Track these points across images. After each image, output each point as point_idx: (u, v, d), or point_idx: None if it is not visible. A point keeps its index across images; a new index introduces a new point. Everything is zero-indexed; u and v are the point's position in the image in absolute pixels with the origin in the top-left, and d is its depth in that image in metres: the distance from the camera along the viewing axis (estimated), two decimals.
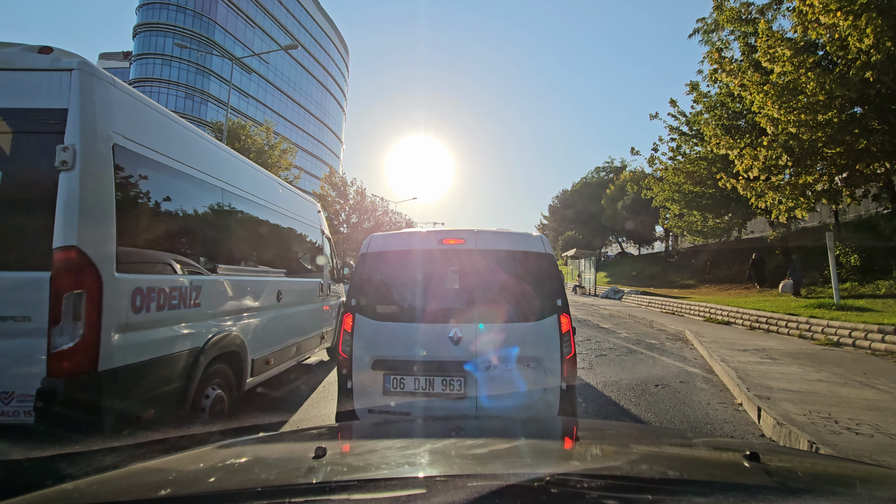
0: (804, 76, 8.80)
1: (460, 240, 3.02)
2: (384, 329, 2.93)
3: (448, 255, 3.03)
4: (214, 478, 1.05)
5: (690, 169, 17.06)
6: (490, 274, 3.00)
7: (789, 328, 9.04)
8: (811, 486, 0.97)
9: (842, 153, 9.61)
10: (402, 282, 3.12)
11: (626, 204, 31.98)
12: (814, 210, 10.89)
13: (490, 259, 2.99)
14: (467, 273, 2.98)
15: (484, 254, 3.00)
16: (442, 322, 2.86)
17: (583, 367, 6.26)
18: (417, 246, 3.13)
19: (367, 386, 2.85)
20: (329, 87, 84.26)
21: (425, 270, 3.05)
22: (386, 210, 45.21)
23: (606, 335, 9.71)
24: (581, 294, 25.90)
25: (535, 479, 0.85)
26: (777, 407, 4.05)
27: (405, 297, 3.08)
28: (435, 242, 3.07)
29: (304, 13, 74.39)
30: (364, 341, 2.90)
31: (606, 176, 42.30)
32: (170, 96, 53.87)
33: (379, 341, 2.90)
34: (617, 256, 44.90)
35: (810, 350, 7.25)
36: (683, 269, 26.33)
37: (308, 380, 5.68)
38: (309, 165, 73.67)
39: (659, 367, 6.53)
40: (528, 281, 2.99)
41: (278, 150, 21.31)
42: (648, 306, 17.02)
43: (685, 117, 17.43)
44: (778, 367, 5.85)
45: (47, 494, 0.90)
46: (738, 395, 4.83)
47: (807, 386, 4.87)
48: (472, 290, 2.99)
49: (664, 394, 5.04)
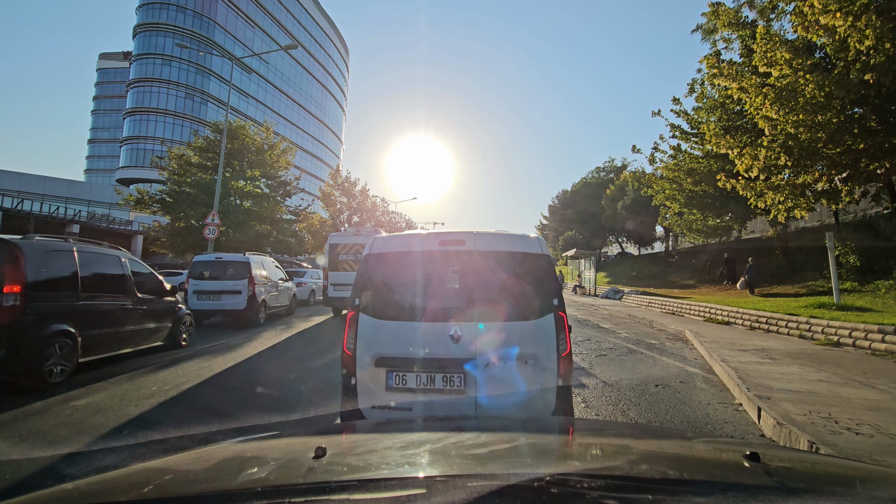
0: (802, 78, 8.83)
1: (460, 241, 3.08)
2: (386, 328, 2.97)
3: (448, 256, 3.08)
4: (214, 478, 1.05)
5: (691, 167, 17.08)
6: (489, 274, 3.05)
7: (789, 328, 9.05)
8: (811, 485, 0.97)
9: (841, 153, 9.62)
10: (404, 282, 3.18)
11: (626, 204, 31.99)
12: (813, 210, 10.88)
13: (489, 260, 3.06)
14: (467, 273, 3.04)
15: (483, 255, 3.06)
16: (442, 321, 2.91)
17: (583, 368, 6.26)
18: (418, 247, 3.17)
19: (370, 382, 2.90)
20: (329, 87, 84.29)
21: (426, 271, 3.11)
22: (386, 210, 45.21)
23: (606, 335, 9.71)
24: (581, 294, 25.91)
25: (535, 479, 0.84)
26: (777, 407, 4.05)
27: (407, 297, 3.13)
28: (435, 244, 3.12)
29: (304, 13, 74.40)
30: (367, 339, 2.95)
31: (607, 176, 42.30)
32: (170, 96, 53.90)
33: (381, 339, 2.95)
34: (617, 256, 44.91)
35: (810, 350, 7.26)
36: (684, 269, 26.34)
37: (308, 379, 5.72)
38: (309, 166, 73.68)
39: (659, 367, 6.53)
40: (526, 281, 3.06)
41: (278, 150, 21.28)
42: (648, 306, 17.02)
43: (687, 115, 17.46)
44: (778, 368, 5.86)
45: (48, 494, 0.90)
46: (738, 395, 4.84)
47: (807, 386, 4.88)
48: (471, 289, 3.04)
49: (664, 394, 5.04)
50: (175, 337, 7.60)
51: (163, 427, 3.82)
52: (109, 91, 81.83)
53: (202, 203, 17.65)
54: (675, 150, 18.05)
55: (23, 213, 29.84)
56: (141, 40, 54.77)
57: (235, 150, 19.32)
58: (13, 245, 4.87)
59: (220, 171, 16.23)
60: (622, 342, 8.77)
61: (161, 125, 53.63)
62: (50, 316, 5.05)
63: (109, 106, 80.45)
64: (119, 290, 6.32)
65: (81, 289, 5.54)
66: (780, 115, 9.24)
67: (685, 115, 17.43)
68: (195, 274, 10.68)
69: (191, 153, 19.75)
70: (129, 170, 52.99)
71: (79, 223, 32.26)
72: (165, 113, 54.00)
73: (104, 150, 78.59)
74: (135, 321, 6.53)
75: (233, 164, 19.53)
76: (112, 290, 6.21)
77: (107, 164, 73.79)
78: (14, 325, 4.63)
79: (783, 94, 9.22)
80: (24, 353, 4.67)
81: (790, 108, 9.12)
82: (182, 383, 5.28)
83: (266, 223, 20.54)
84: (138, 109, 54.38)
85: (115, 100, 77.61)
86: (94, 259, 5.98)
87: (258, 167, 20.26)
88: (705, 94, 15.52)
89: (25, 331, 4.73)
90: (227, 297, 10.42)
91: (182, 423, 3.96)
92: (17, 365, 4.59)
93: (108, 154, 75.64)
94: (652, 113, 18.34)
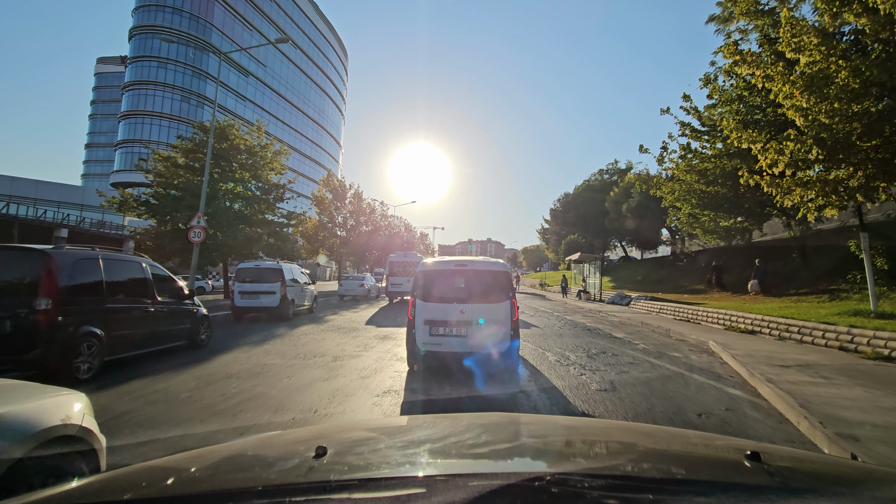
0: (834, 65, 8.01)
1: (464, 264, 6.23)
2: (428, 306, 5.93)
3: (458, 272, 6.21)
4: (216, 477, 1.04)
5: (703, 167, 16.24)
6: (478, 281, 6.12)
7: (826, 339, 8.13)
8: (812, 485, 0.97)
9: (878, 146, 8.77)
10: (437, 283, 6.16)
11: (631, 206, 31.12)
12: (845, 208, 9.98)
13: (479, 274, 6.15)
14: (468, 280, 6.11)
15: (476, 272, 6.18)
16: (456, 303, 5.89)
17: (605, 390, 5.35)
18: (444, 267, 6.29)
19: (421, 332, 5.86)
20: (328, 90, 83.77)
21: (447, 278, 6.21)
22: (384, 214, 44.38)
23: (622, 347, 8.79)
24: (586, 299, 24.96)
25: (536, 479, 0.84)
26: (872, 451, 3.15)
27: (438, 290, 6.07)
28: (453, 266, 6.25)
29: (303, 16, 73.97)
30: (419, 311, 5.92)
31: (610, 178, 41.45)
32: (165, 99, 53.16)
33: (426, 311, 5.91)
34: (620, 261, 43.89)
35: (862, 366, 6.34)
36: (692, 273, 25.41)
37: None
38: (307, 170, 72.95)
39: (693, 388, 5.61)
40: (496, 284, 6.04)
41: (270, 151, 20.38)
42: (660, 313, 16.10)
43: (698, 113, 16.66)
44: (838, 390, 4.95)
45: (50, 493, 0.89)
46: (808, 431, 3.92)
47: (889, 417, 3.97)
48: (470, 288, 6.08)
49: (710, 425, 4.13)
50: (194, 337, 7.97)
51: None
52: (107, 95, 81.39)
53: (189, 206, 16.74)
54: (685, 150, 17.23)
55: (7, 216, 28.92)
56: (137, 43, 54.14)
57: (224, 150, 18.43)
58: (46, 255, 5.36)
59: (206, 171, 15.35)
60: (642, 355, 7.86)
61: (157, 128, 52.85)
62: (79, 319, 5.52)
63: (107, 110, 79.94)
64: (141, 293, 6.77)
65: (107, 293, 6.05)
66: (812, 104, 8.40)
67: (696, 112, 16.64)
68: (240, 278, 13.16)
69: (177, 155, 18.84)
70: (124, 173, 52.10)
71: (67, 227, 31.31)
72: (161, 116, 53.24)
73: (101, 154, 78.05)
74: (156, 322, 7.00)
75: (221, 165, 18.62)
76: (135, 294, 6.67)
77: (104, 169, 73.16)
78: (47, 327, 5.13)
79: (814, 80, 8.39)
80: (57, 352, 5.16)
81: (822, 97, 8.28)
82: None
83: (256, 226, 19.64)
84: (133, 112, 53.65)
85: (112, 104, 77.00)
86: (118, 265, 6.45)
87: (249, 169, 19.36)
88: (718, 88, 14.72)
89: (57, 332, 5.21)
90: (264, 297, 12.84)
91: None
92: (50, 362, 5.09)
93: (105, 158, 75.07)
94: (661, 111, 17.55)
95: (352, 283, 22.40)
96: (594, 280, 25.24)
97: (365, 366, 6.57)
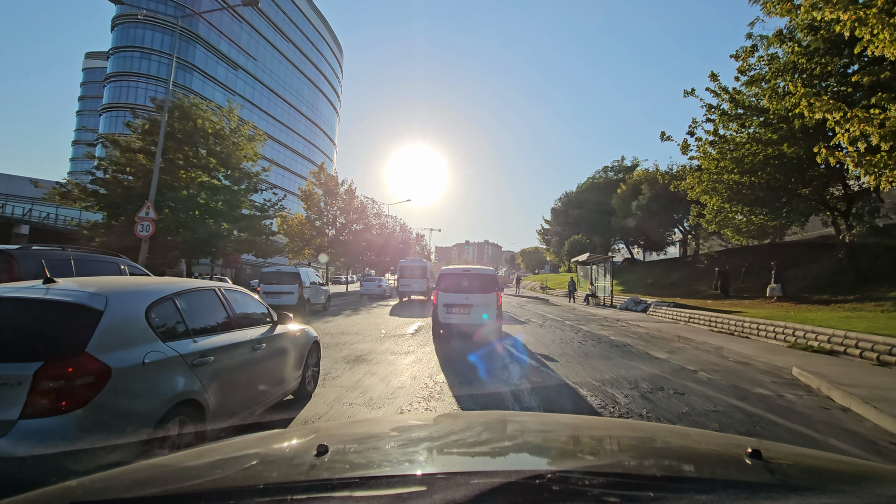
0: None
1: (468, 270, 10.31)
2: (447, 295, 9.62)
3: (464, 274, 10.09)
4: (217, 475, 1.03)
5: (737, 154, 14.08)
6: (476, 280, 9.80)
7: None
8: (813, 483, 0.96)
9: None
10: (451, 281, 9.84)
11: (641, 204, 28.94)
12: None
13: (478, 276, 9.97)
14: (470, 280, 9.85)
15: (476, 275, 10.02)
16: (463, 293, 9.60)
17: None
18: (456, 271, 10.27)
19: (440, 312, 9.58)
20: (321, 86, 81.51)
21: (457, 278, 9.93)
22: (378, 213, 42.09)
23: (678, 377, 6.49)
24: (595, 304, 22.69)
25: (537, 476, 0.83)
26: None
27: (452, 285, 9.76)
28: (461, 271, 10.26)
29: (295, 9, 71.71)
30: (440, 298, 9.62)
31: (616, 176, 39.35)
32: (149, 91, 50.64)
33: (445, 298, 9.60)
34: (624, 263, 41.66)
35: None
36: (709, 275, 23.23)
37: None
38: (299, 167, 70.59)
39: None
40: (487, 282, 9.75)
41: (244, 136, 18.04)
42: (689, 322, 13.85)
43: (728, 93, 14.51)
44: None
45: (51, 491, 0.89)
46: None
47: None
48: (471, 284, 9.73)
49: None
50: None
51: None
52: (96, 91, 78.79)
53: (141, 195, 14.41)
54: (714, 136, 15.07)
55: None
56: (119, 33, 51.78)
57: (189, 132, 16.10)
58: (9, 256, 4.84)
59: (158, 152, 13.01)
60: (714, 392, 5.58)
61: None
62: None
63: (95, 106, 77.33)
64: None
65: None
66: None
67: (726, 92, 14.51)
68: (264, 280, 15.22)
69: (131, 138, 16.48)
70: None
71: (29, 223, 28.78)
72: (144, 109, 50.74)
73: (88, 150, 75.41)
74: None
75: (184, 150, 16.28)
76: None
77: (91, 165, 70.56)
78: None
79: None
80: None
81: None
82: None
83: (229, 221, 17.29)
84: (115, 105, 51.21)
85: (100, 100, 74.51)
86: (93, 267, 5.57)
87: (217, 156, 17.01)
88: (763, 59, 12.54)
89: None
90: (284, 296, 14.70)
91: None
92: None
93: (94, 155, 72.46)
94: (685, 92, 15.36)
95: (371, 284, 27.18)
96: (604, 283, 23.02)
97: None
